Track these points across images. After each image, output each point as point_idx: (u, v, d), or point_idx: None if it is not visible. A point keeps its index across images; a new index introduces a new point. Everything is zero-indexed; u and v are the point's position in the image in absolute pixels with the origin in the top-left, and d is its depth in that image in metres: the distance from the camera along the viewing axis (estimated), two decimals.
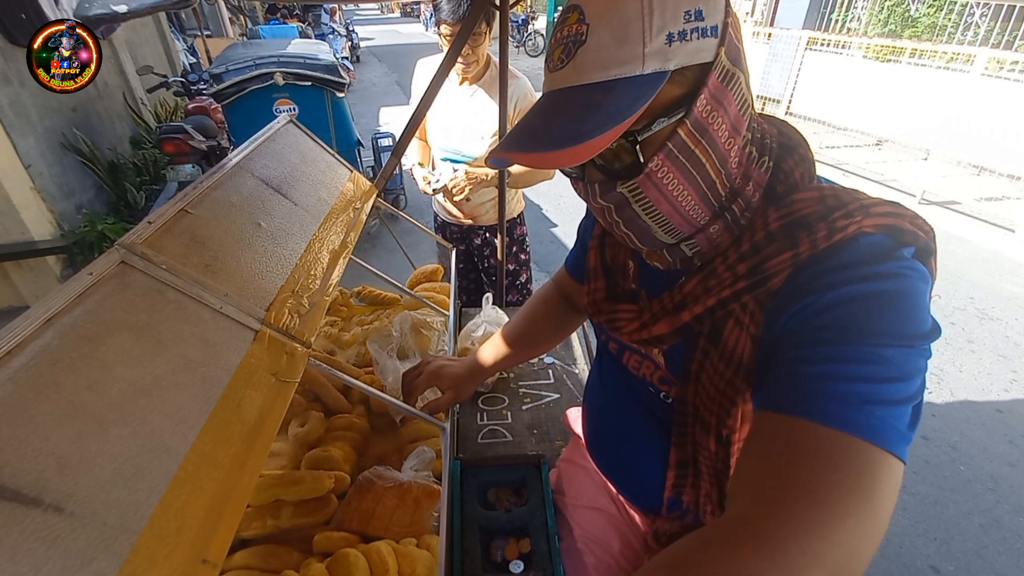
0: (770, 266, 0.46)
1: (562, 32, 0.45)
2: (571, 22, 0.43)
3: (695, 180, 0.46)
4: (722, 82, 0.44)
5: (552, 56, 0.46)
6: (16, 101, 2.73)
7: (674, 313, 0.53)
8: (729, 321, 0.50)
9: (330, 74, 3.18)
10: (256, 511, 0.93)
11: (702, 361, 0.53)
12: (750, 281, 0.47)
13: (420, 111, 1.47)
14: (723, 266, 0.50)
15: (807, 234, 0.45)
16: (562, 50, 0.44)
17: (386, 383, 1.17)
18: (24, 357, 0.47)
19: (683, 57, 0.42)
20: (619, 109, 0.41)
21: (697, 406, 0.56)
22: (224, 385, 0.60)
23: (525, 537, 0.83)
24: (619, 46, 0.41)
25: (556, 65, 0.45)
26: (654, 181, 0.46)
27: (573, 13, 0.43)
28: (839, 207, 0.45)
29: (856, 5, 6.70)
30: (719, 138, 0.45)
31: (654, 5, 0.40)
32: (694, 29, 0.41)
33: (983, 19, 5.52)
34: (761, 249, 0.47)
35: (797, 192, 0.48)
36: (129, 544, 0.43)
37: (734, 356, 0.50)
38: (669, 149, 0.45)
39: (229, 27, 7.90)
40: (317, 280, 0.89)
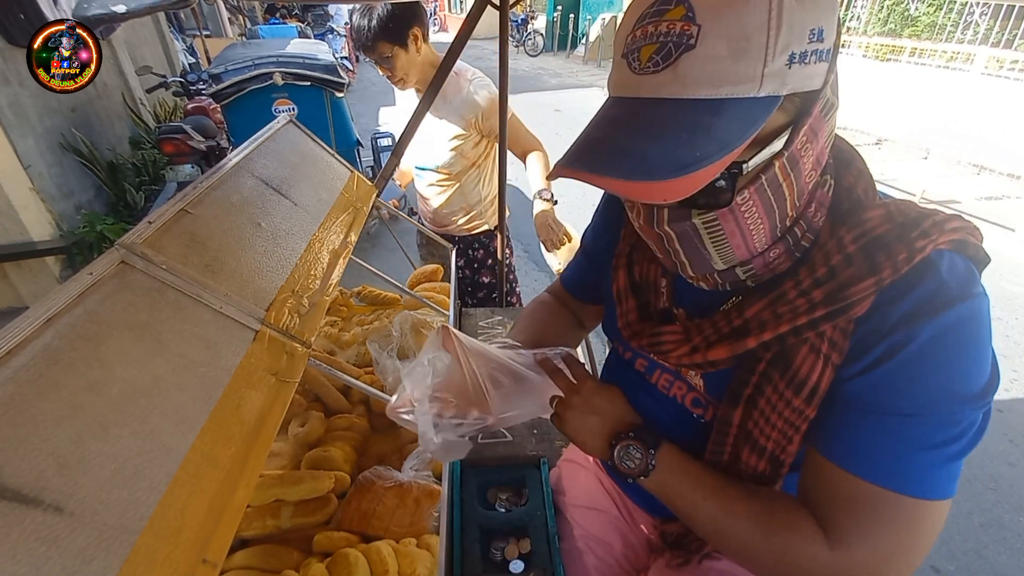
0: (851, 293, 0.43)
1: (657, 27, 0.38)
2: (673, 17, 0.37)
3: (774, 213, 0.44)
4: (822, 113, 0.41)
5: (638, 54, 0.39)
6: (15, 101, 2.72)
7: (735, 338, 0.49)
8: (802, 348, 0.47)
9: (329, 74, 3.17)
10: (256, 511, 0.93)
11: (760, 386, 0.50)
12: (829, 309, 0.44)
13: (419, 112, 1.47)
14: (795, 291, 0.46)
15: (887, 257, 0.42)
16: (656, 49, 0.37)
17: (386, 383, 1.17)
18: (24, 357, 0.47)
19: (797, 82, 0.37)
20: (729, 136, 0.36)
21: (749, 429, 0.52)
22: (224, 385, 0.60)
23: (525, 537, 0.83)
24: (736, 60, 0.36)
25: (646, 67, 0.38)
26: (736, 214, 0.42)
27: (678, 7, 0.37)
28: (913, 225, 0.43)
29: (856, 4, 6.70)
30: (804, 171, 0.42)
31: (783, 18, 0.35)
32: (814, 51, 0.37)
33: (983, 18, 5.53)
34: (838, 274, 0.44)
35: (865, 211, 0.45)
36: (129, 544, 0.43)
37: (807, 384, 0.47)
38: (761, 183, 0.41)
39: (228, 27, 7.89)
40: (317, 280, 0.89)
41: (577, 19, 11.51)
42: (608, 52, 9.27)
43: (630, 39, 0.40)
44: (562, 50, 11.81)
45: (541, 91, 8.09)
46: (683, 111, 0.37)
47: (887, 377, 0.43)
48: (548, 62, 10.90)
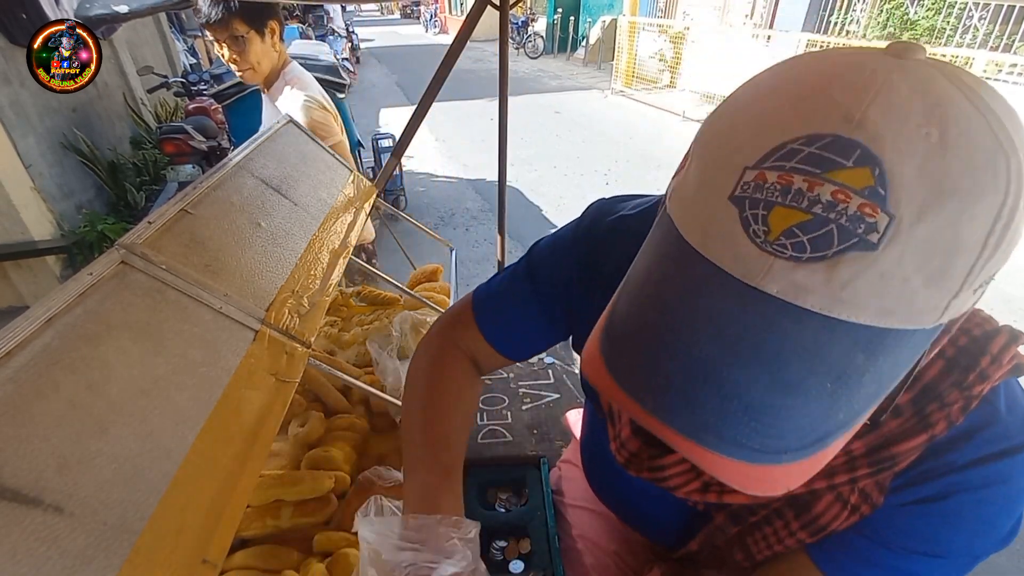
0: (899, 451, 0.37)
1: (812, 185, 0.24)
2: (848, 181, 0.23)
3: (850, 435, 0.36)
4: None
5: (766, 215, 0.25)
6: (16, 101, 2.73)
7: None
8: (827, 496, 0.41)
9: (331, 75, 3.17)
10: (256, 511, 0.93)
11: (769, 518, 0.45)
12: (873, 468, 0.38)
13: (420, 112, 1.47)
14: None
15: (940, 408, 0.36)
16: (805, 224, 0.24)
17: (386, 383, 1.17)
18: (24, 357, 0.47)
19: (956, 311, 0.26)
20: (878, 384, 0.26)
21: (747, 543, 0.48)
22: (224, 385, 0.60)
23: (525, 537, 0.83)
24: (927, 285, 0.24)
25: (780, 245, 0.24)
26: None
27: (862, 167, 0.23)
28: (970, 365, 0.36)
29: (855, 8, 6.71)
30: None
31: (1010, 228, 0.24)
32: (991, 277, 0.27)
33: (982, 22, 5.54)
34: (883, 425, 0.37)
35: None
36: (129, 544, 0.43)
37: (825, 528, 0.42)
38: None
39: None
40: (317, 280, 0.89)
41: (577, 21, 11.52)
42: (607, 54, 9.28)
43: (753, 181, 0.25)
44: (562, 52, 11.81)
45: (541, 93, 8.10)
46: (836, 342, 0.25)
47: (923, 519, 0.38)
48: (548, 64, 10.91)
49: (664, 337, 0.27)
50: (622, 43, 7.91)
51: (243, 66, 1.38)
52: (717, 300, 0.26)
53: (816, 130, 0.24)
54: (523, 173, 4.67)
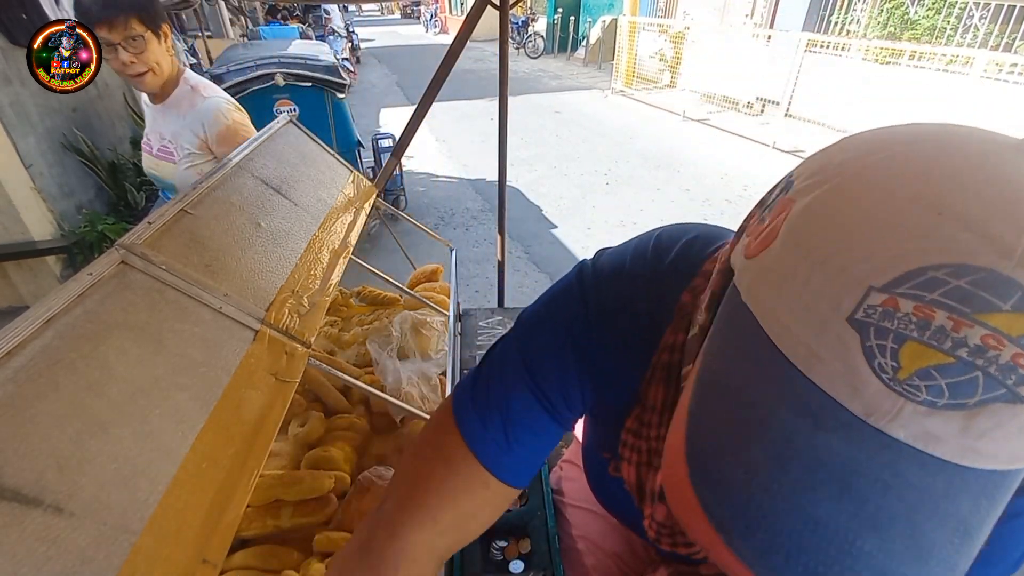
0: None
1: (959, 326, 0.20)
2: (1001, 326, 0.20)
3: None
4: None
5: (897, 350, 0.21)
6: (17, 101, 2.73)
7: None
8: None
9: (331, 75, 3.18)
10: (256, 511, 0.93)
11: None
12: None
13: (420, 112, 1.47)
14: None
15: None
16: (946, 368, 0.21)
17: (386, 383, 1.17)
18: (24, 357, 0.47)
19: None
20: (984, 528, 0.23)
21: None
22: (224, 385, 0.60)
23: (525, 537, 0.83)
24: None
25: (914, 387, 0.21)
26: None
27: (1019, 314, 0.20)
28: None
29: (855, 7, 6.71)
30: None
31: None
32: None
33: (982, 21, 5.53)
34: None
35: None
36: (129, 544, 0.43)
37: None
38: None
39: (230, 28, 7.89)
40: (317, 280, 0.89)
41: (577, 21, 11.51)
42: (608, 54, 9.28)
43: (881, 303, 0.22)
44: (562, 52, 11.81)
45: (541, 93, 8.10)
46: (966, 491, 0.22)
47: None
48: (548, 64, 10.90)
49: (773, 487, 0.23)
50: (622, 43, 7.91)
51: (140, 68, 1.26)
52: (836, 441, 0.22)
53: (967, 260, 0.20)
54: (523, 173, 4.67)
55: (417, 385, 1.19)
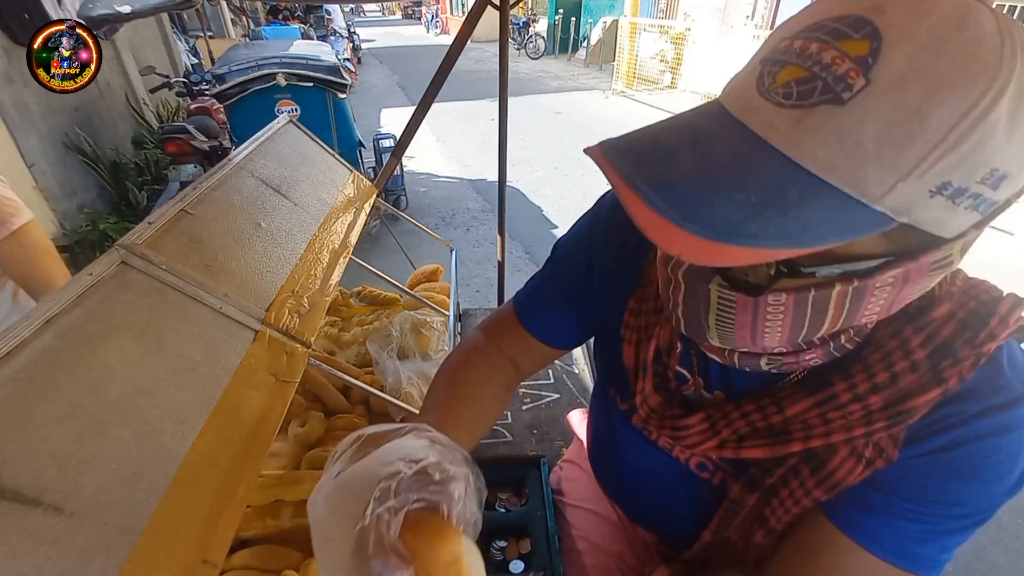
0: (915, 404, 0.39)
1: (822, 50, 0.28)
2: (848, 50, 0.27)
3: (799, 330, 0.36)
4: (932, 267, 0.32)
5: (776, 72, 0.30)
6: (19, 101, 2.73)
7: (774, 438, 0.44)
8: (843, 450, 0.42)
9: (332, 75, 3.18)
10: (256, 511, 0.93)
11: (785, 478, 0.46)
12: (889, 421, 0.39)
13: (421, 111, 1.47)
14: (848, 395, 0.40)
15: (953, 364, 0.38)
16: (801, 79, 0.28)
17: (386, 383, 1.17)
18: (24, 357, 0.47)
19: (925, 217, 0.29)
20: (804, 232, 0.28)
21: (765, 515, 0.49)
22: (224, 385, 0.60)
23: (525, 537, 0.83)
24: (877, 151, 0.27)
25: (774, 92, 0.29)
26: (757, 310, 0.36)
27: (863, 40, 0.27)
28: (980, 325, 0.39)
29: None
30: (864, 310, 0.34)
31: (972, 136, 0.26)
32: (975, 196, 0.28)
33: None
34: (900, 380, 0.39)
35: (935, 308, 0.40)
36: (129, 544, 0.43)
37: (840, 484, 0.43)
38: (805, 298, 0.34)
39: (231, 28, 7.91)
40: (317, 280, 0.89)
41: (579, 22, 11.51)
42: (609, 55, 9.28)
43: (783, 46, 0.31)
44: (563, 53, 11.81)
45: (542, 94, 8.10)
46: (775, 172, 0.28)
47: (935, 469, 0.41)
48: (549, 65, 10.90)
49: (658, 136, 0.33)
50: (623, 44, 7.91)
51: None
52: (708, 123, 0.32)
53: (848, 12, 0.29)
54: (524, 174, 4.67)
55: (417, 385, 1.19)
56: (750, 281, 0.35)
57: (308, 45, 3.92)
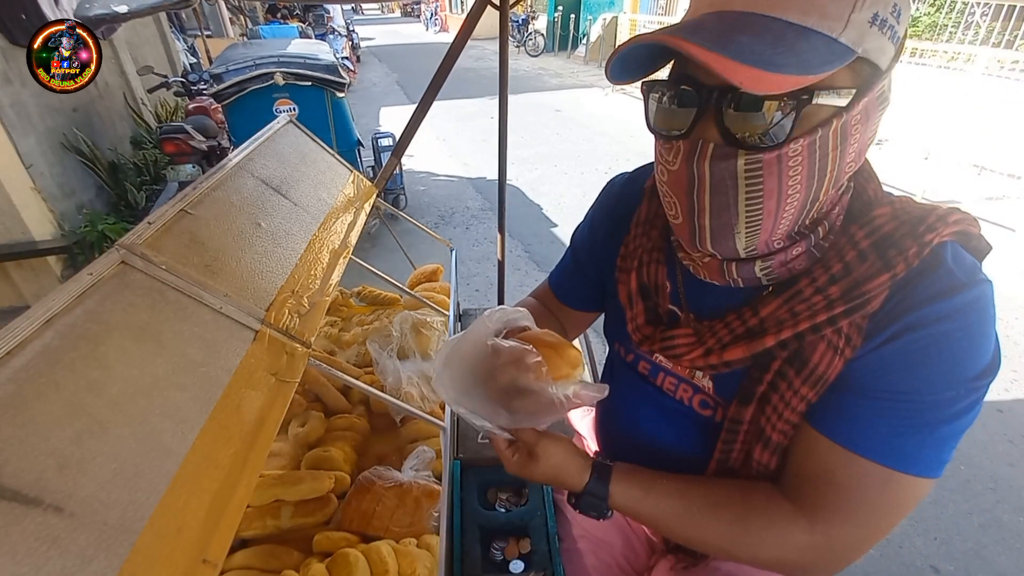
0: (868, 289, 0.44)
1: None
2: None
3: (811, 186, 0.43)
4: (878, 99, 0.42)
5: None
6: (17, 101, 2.73)
7: (751, 338, 0.50)
8: (820, 345, 0.47)
9: (330, 74, 3.17)
10: (256, 511, 0.93)
11: (774, 383, 0.51)
12: (848, 305, 0.45)
13: (421, 111, 1.47)
14: (811, 288, 0.47)
15: (898, 253, 0.44)
16: None
17: (386, 383, 1.17)
18: (24, 357, 0.47)
19: (871, 47, 0.39)
20: (810, 61, 0.37)
21: (760, 425, 0.53)
22: (224, 385, 0.60)
23: (525, 537, 0.83)
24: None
25: None
26: (781, 166, 0.41)
27: None
28: (919, 221, 0.45)
29: None
30: (848, 154, 0.43)
31: None
32: (890, 27, 0.39)
33: (984, 19, 5.52)
34: (853, 270, 0.45)
35: (874, 208, 0.48)
36: (129, 544, 0.43)
37: (822, 378, 0.48)
38: (815, 138, 0.41)
39: (229, 27, 7.89)
40: (317, 280, 0.89)
41: (578, 19, 11.49)
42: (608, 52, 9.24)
43: None
44: (563, 50, 11.79)
45: (542, 91, 8.09)
46: (774, 25, 0.38)
47: (893, 358, 0.45)
48: (549, 62, 10.89)
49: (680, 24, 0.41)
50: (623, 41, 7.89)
51: None
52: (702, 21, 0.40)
53: None
54: (523, 172, 4.67)
55: (417, 385, 1.19)
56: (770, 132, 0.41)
57: (306, 44, 3.91)
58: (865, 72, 0.41)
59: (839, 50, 0.38)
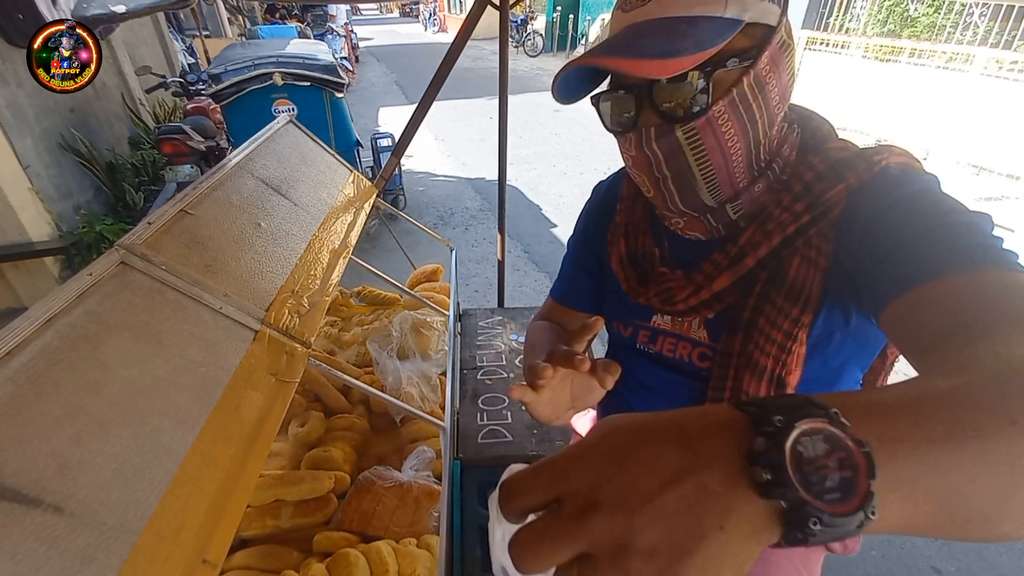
0: (827, 199, 0.50)
1: None
2: None
3: (747, 134, 0.50)
4: (780, 48, 0.48)
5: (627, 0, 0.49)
6: (13, 102, 2.72)
7: (734, 264, 0.54)
8: (795, 259, 0.52)
9: (329, 74, 3.17)
10: (256, 511, 0.93)
11: (758, 306, 0.54)
12: (813, 214, 0.50)
13: (420, 111, 1.47)
14: (778, 209, 0.52)
15: (850, 170, 0.50)
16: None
17: (386, 383, 1.17)
18: (24, 357, 0.47)
19: (756, 13, 0.46)
20: (703, 40, 0.44)
21: (749, 351, 0.55)
22: (224, 385, 0.60)
23: None
24: None
25: (635, 5, 0.48)
26: (713, 127, 0.48)
27: None
28: (868, 150, 0.51)
29: (855, 5, 6.70)
30: (771, 99, 0.49)
31: None
32: None
33: (982, 19, 5.53)
34: (813, 188, 0.51)
35: (828, 143, 0.54)
36: (129, 544, 0.43)
37: (803, 292, 0.52)
38: (732, 96, 0.47)
39: (228, 27, 7.88)
40: (317, 280, 0.89)
41: (576, 20, 11.50)
42: None
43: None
44: (561, 50, 11.80)
45: (541, 91, 8.09)
46: (664, 25, 0.46)
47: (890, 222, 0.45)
48: (547, 62, 10.90)
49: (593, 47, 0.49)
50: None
51: None
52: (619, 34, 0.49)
53: None
54: (522, 172, 4.67)
55: (417, 385, 1.19)
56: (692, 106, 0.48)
57: (305, 44, 3.91)
58: (759, 33, 0.48)
59: (726, 24, 0.45)
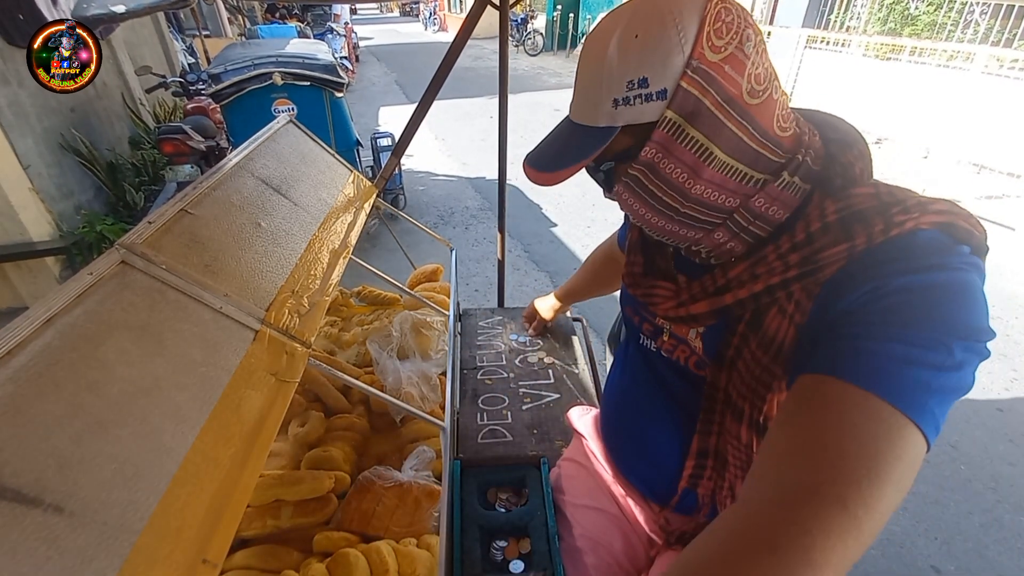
0: (823, 256, 0.47)
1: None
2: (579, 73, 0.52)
3: (654, 204, 0.53)
4: (671, 135, 0.48)
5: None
6: (14, 102, 2.72)
7: (715, 295, 0.55)
8: (772, 309, 0.51)
9: (329, 74, 3.17)
10: (256, 511, 0.93)
11: (739, 347, 0.54)
12: (802, 270, 0.48)
13: (420, 111, 1.46)
14: (774, 254, 0.51)
15: (863, 227, 0.45)
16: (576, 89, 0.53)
17: (386, 383, 1.17)
18: (24, 357, 0.47)
19: (629, 117, 0.48)
20: (582, 150, 0.50)
21: (729, 392, 0.57)
22: (224, 385, 0.60)
23: (525, 537, 0.83)
24: (586, 100, 0.50)
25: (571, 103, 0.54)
26: (624, 200, 0.55)
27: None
28: (897, 203, 0.46)
29: (855, 3, 6.69)
30: (675, 177, 0.50)
31: (603, 76, 0.47)
32: (637, 95, 0.47)
33: (983, 17, 5.52)
34: (815, 240, 0.48)
35: (855, 187, 0.49)
36: (129, 544, 0.43)
37: (774, 343, 0.51)
38: (625, 182, 0.53)
39: (228, 27, 7.87)
40: (317, 280, 0.89)
41: (577, 18, 11.49)
42: None
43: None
44: (562, 49, 11.79)
45: (541, 91, 8.09)
46: (569, 127, 0.53)
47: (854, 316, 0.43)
48: (548, 61, 10.89)
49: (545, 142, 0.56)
50: None
51: None
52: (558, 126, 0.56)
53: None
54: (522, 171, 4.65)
55: (417, 385, 1.19)
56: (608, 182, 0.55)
57: (305, 44, 3.91)
58: (638, 131, 0.49)
59: (600, 133, 0.49)
